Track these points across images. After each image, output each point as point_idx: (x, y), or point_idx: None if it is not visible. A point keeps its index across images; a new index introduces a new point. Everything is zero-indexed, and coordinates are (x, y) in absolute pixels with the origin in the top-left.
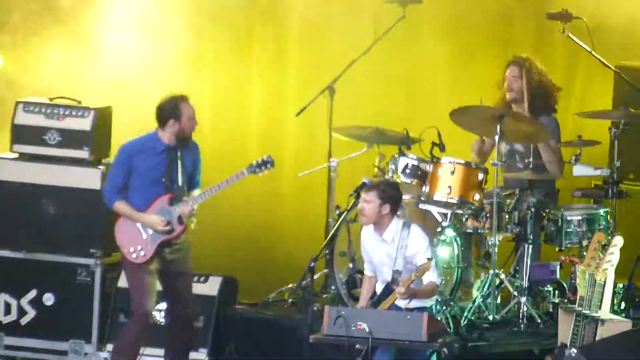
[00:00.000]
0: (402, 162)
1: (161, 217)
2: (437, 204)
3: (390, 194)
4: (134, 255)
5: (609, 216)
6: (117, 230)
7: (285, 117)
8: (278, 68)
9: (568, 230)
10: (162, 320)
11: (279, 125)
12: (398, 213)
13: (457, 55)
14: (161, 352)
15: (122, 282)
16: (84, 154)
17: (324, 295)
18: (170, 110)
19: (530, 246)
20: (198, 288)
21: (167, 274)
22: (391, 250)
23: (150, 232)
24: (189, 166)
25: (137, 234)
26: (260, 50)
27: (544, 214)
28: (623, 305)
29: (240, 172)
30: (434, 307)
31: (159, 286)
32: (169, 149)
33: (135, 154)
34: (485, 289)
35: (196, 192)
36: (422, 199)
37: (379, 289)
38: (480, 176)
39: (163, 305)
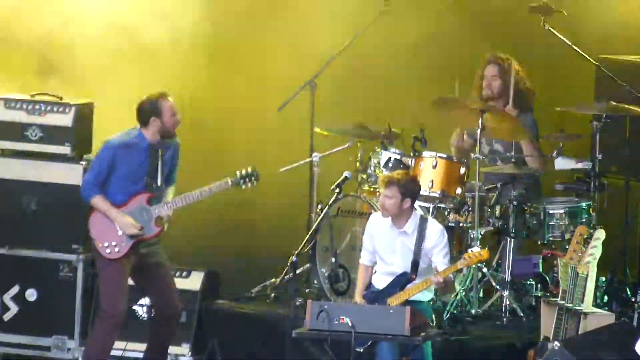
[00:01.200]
0: (385, 156)
1: (135, 222)
2: (419, 197)
3: (411, 189)
4: (108, 251)
5: (591, 209)
6: (91, 222)
7: (267, 112)
8: (259, 62)
9: (550, 223)
10: (145, 315)
11: (260, 120)
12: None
13: (437, 48)
14: (143, 346)
15: None
16: (65, 149)
17: (307, 290)
18: (151, 108)
19: (513, 240)
20: (180, 283)
21: (144, 267)
22: (409, 241)
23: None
24: (169, 164)
25: (113, 229)
26: (241, 44)
27: (526, 208)
28: (605, 298)
29: (225, 182)
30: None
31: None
32: (152, 147)
33: (120, 151)
34: (467, 282)
35: (170, 190)
36: None
37: (381, 279)
38: (462, 170)
39: (146, 300)
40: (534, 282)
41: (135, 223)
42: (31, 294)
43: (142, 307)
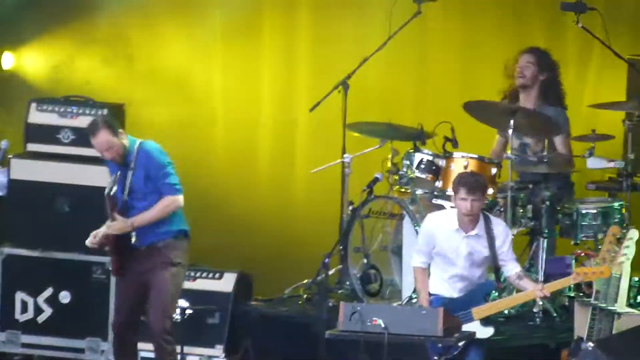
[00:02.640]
0: (417, 157)
1: (97, 234)
2: (451, 198)
3: (486, 191)
4: (111, 266)
5: (623, 209)
6: None
7: (298, 112)
8: (290, 63)
9: (583, 223)
10: (178, 317)
11: (291, 121)
12: (412, 208)
13: (469, 48)
14: (177, 349)
15: None
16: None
17: (339, 291)
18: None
19: (545, 240)
20: (213, 284)
21: (145, 289)
22: (478, 244)
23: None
24: (138, 177)
25: (111, 246)
26: (271, 46)
27: (559, 208)
28: (639, 298)
29: None
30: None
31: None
32: (119, 165)
33: (109, 166)
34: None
35: (166, 200)
36: (436, 193)
37: (440, 285)
38: (494, 170)
39: (179, 302)
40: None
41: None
42: (64, 297)
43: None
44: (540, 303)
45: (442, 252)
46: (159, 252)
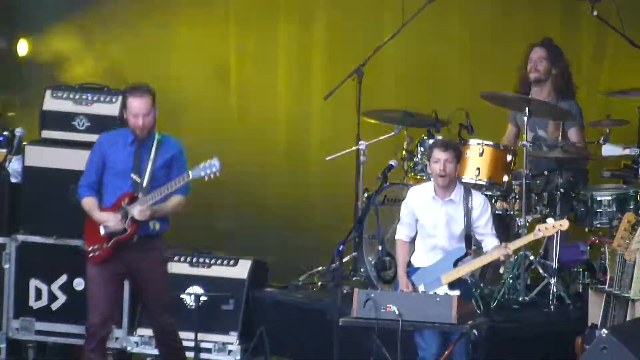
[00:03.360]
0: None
1: (113, 215)
2: (466, 185)
3: (459, 154)
4: (91, 254)
5: (638, 196)
6: (85, 227)
7: (313, 100)
8: (304, 50)
9: (598, 210)
10: (193, 303)
11: (306, 108)
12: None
13: (483, 35)
14: (192, 335)
15: None
16: None
17: (354, 278)
18: (123, 100)
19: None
20: (228, 271)
21: (134, 279)
22: (455, 212)
23: (106, 230)
24: (161, 164)
25: (97, 233)
26: (287, 32)
27: (574, 195)
28: None
29: (186, 174)
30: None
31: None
32: (138, 142)
33: (108, 145)
34: (514, 270)
35: (176, 200)
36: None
37: (423, 257)
38: (509, 157)
39: (194, 289)
40: (581, 270)
41: (114, 218)
42: (79, 284)
43: (189, 296)
44: (546, 276)
45: (422, 223)
46: (154, 246)
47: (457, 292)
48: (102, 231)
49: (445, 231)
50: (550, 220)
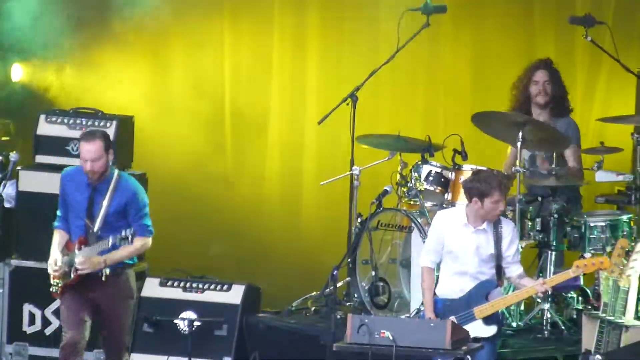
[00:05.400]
0: (425, 169)
1: (56, 262)
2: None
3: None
4: (52, 289)
5: (632, 222)
6: None
7: (306, 125)
8: (298, 75)
9: (591, 236)
10: (186, 329)
11: (300, 134)
12: (420, 220)
13: (478, 61)
14: None
15: (146, 292)
16: None
17: (347, 304)
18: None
19: (554, 253)
20: (221, 296)
21: (96, 312)
22: (484, 241)
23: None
24: (115, 210)
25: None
26: (280, 57)
27: (567, 221)
28: None
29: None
30: None
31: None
32: (94, 185)
33: (67, 184)
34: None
35: (138, 241)
36: (445, 206)
37: (450, 282)
38: None
39: (188, 314)
40: (575, 295)
41: (56, 264)
42: None
43: (183, 321)
44: (540, 301)
45: (451, 249)
46: (119, 282)
47: (494, 329)
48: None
49: (474, 258)
50: (587, 255)
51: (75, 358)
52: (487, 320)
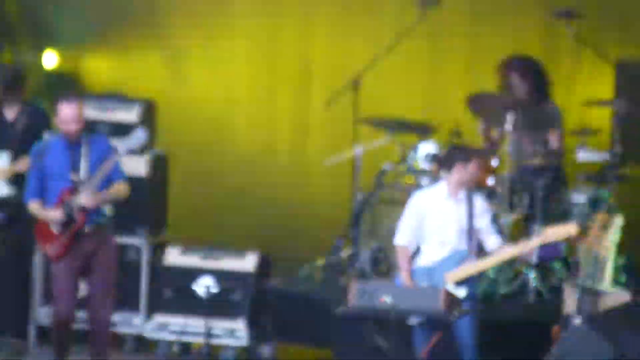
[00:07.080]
0: (422, 150)
1: (60, 211)
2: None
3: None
4: (50, 252)
5: (610, 198)
6: (35, 232)
7: (313, 107)
8: (303, 58)
9: (574, 211)
10: (204, 294)
11: (306, 116)
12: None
13: (473, 49)
14: (202, 322)
15: (168, 261)
16: None
17: (350, 272)
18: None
19: (540, 226)
20: (235, 264)
21: (86, 271)
22: (459, 210)
23: (58, 226)
24: (96, 160)
25: (50, 231)
26: (285, 42)
27: (552, 197)
28: (623, 278)
29: (115, 153)
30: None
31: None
32: (71, 144)
33: (44, 153)
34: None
35: (118, 186)
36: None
37: (432, 253)
38: (494, 162)
39: (205, 280)
40: (558, 265)
41: (61, 213)
42: None
43: (200, 286)
44: (526, 272)
45: (434, 223)
46: (105, 238)
47: (464, 291)
48: (54, 229)
49: (456, 228)
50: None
51: (72, 320)
52: (458, 283)
